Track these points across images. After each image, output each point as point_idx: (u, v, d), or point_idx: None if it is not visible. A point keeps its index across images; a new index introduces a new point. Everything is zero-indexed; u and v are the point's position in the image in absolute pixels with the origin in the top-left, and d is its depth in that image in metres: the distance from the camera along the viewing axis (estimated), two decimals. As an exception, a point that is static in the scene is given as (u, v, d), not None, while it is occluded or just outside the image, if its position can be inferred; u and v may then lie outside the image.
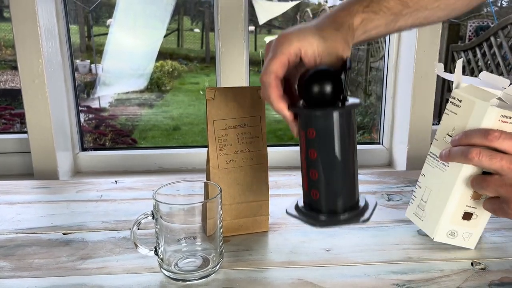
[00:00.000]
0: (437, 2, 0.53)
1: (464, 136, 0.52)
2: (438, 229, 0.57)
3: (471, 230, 0.57)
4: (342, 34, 0.49)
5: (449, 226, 0.57)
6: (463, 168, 0.53)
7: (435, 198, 0.57)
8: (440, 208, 0.57)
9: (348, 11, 0.50)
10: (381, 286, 0.51)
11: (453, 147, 0.53)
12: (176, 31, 3.18)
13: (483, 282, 0.52)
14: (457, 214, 0.56)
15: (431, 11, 0.54)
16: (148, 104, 2.75)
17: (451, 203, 0.55)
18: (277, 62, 0.47)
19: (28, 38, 0.92)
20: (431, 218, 0.58)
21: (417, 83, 1.01)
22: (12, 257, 0.58)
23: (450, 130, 0.55)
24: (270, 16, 2.00)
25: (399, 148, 1.09)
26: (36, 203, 0.75)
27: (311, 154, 0.48)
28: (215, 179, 0.60)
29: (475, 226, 0.57)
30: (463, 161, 0.52)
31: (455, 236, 0.58)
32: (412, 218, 0.62)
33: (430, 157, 0.59)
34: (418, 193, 0.61)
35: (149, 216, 0.53)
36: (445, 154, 0.54)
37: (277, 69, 0.47)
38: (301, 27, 0.49)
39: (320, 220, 0.48)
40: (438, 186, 0.57)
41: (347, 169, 0.48)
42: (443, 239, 0.58)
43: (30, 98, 0.96)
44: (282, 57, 0.47)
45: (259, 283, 0.52)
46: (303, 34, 0.48)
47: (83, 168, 1.09)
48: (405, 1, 0.52)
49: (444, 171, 0.56)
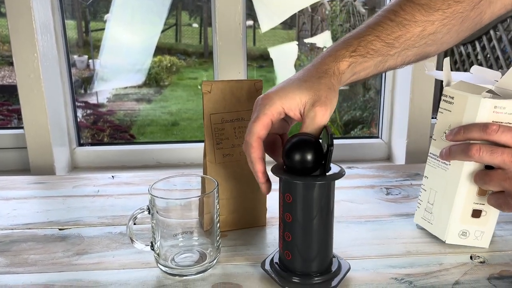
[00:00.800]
0: (424, 39, 0.53)
1: (462, 131, 0.51)
2: (449, 231, 0.57)
3: (482, 228, 0.56)
4: (325, 81, 0.49)
5: (459, 226, 0.56)
6: (465, 165, 0.53)
7: (442, 199, 0.57)
8: (448, 208, 0.56)
9: (334, 57, 0.51)
10: (379, 280, 0.51)
11: (452, 146, 0.52)
12: (174, 26, 3.17)
13: (482, 275, 0.51)
14: (466, 212, 0.55)
15: (419, 48, 0.54)
16: (147, 100, 2.74)
17: (458, 202, 0.55)
18: (259, 124, 0.49)
19: (23, 33, 0.91)
20: (440, 220, 0.57)
21: (416, 77, 1.01)
22: (7, 253, 0.57)
23: (446, 128, 0.55)
24: (272, 24, 1.98)
25: (398, 142, 1.09)
26: (32, 199, 0.75)
27: (286, 217, 0.49)
28: (212, 173, 0.60)
29: (485, 223, 0.56)
30: (464, 159, 0.51)
31: (467, 236, 0.57)
32: (421, 223, 0.61)
33: (431, 158, 0.58)
34: (423, 196, 0.60)
35: (145, 210, 0.52)
36: (445, 153, 0.53)
37: (259, 130, 0.49)
38: (284, 84, 0.51)
39: (292, 281, 0.49)
40: (443, 186, 0.56)
41: (320, 236, 0.49)
42: (455, 241, 0.57)
43: (26, 93, 0.95)
44: (264, 118, 0.49)
45: (257, 278, 0.51)
46: (284, 91, 0.49)
47: (80, 164, 1.08)
48: (391, 42, 0.52)
49: (446, 170, 0.55)
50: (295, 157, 0.47)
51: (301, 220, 0.48)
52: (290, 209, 0.48)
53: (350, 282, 0.50)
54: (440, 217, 0.57)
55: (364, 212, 0.68)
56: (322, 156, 0.47)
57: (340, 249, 0.57)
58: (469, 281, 0.50)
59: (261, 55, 2.66)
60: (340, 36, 2.43)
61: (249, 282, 0.51)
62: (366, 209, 0.70)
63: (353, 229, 0.63)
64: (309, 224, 0.48)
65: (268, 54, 2.44)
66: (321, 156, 0.47)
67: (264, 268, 0.52)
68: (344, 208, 0.70)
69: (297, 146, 0.47)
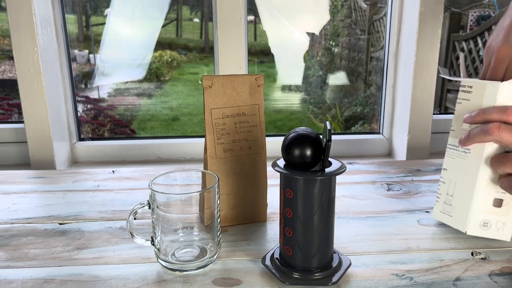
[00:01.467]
0: None
1: (481, 113, 0.51)
2: (469, 221, 0.56)
3: (504, 219, 0.55)
4: None
5: (480, 216, 0.55)
6: (485, 151, 0.53)
7: (462, 189, 0.56)
8: (468, 198, 0.55)
9: None
10: (380, 276, 0.51)
11: (471, 130, 0.52)
12: (175, 20, 3.15)
13: (483, 272, 0.51)
14: (487, 201, 0.55)
15: None
16: (147, 94, 2.74)
17: (479, 190, 0.54)
18: None
19: (23, 26, 0.91)
20: (460, 210, 0.57)
21: (417, 72, 1.00)
22: (7, 247, 0.57)
23: None
24: (274, 21, 1.95)
25: (399, 138, 1.08)
26: (32, 193, 0.75)
27: (287, 212, 0.49)
28: (212, 168, 0.59)
29: (507, 213, 0.55)
30: (483, 138, 0.51)
31: (489, 227, 0.56)
32: (440, 217, 0.60)
33: (449, 149, 0.58)
34: (442, 189, 0.59)
35: (145, 205, 0.52)
36: (464, 138, 0.53)
37: None
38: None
39: (293, 277, 0.49)
40: (462, 176, 0.56)
41: (321, 232, 0.49)
42: (476, 232, 0.56)
43: (26, 87, 0.94)
44: None
45: (257, 273, 0.51)
46: None
47: (80, 158, 1.08)
48: None
49: (466, 158, 0.55)
50: (294, 152, 0.47)
51: (302, 216, 0.48)
52: (291, 204, 0.48)
53: (350, 278, 0.50)
54: (460, 207, 0.57)
55: (365, 208, 0.68)
56: (321, 151, 0.47)
57: (340, 245, 0.57)
58: (470, 277, 0.50)
59: (261, 50, 2.65)
60: (341, 31, 2.41)
61: (249, 278, 0.50)
62: (367, 205, 0.69)
63: (354, 225, 0.63)
64: (310, 219, 0.48)
65: (269, 49, 2.43)
66: (320, 151, 0.47)
67: (265, 263, 0.52)
68: (344, 203, 0.70)
69: (296, 141, 0.47)
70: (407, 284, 0.49)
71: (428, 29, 0.98)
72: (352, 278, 0.50)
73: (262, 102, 0.61)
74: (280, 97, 2.69)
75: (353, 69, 2.38)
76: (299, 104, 2.65)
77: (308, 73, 2.50)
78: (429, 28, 0.98)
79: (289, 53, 2.41)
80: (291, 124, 2.54)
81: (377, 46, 2.23)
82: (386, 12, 1.09)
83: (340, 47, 2.43)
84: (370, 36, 2.28)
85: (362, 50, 2.35)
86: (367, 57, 2.35)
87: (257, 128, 0.61)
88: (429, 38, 0.98)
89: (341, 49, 2.44)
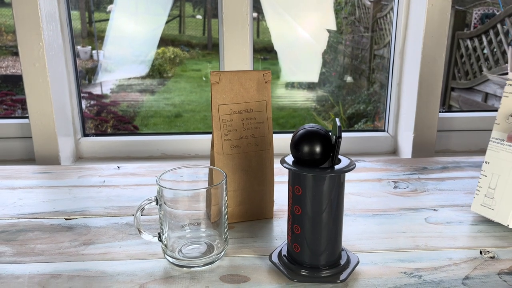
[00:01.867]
0: None
1: None
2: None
3: None
4: None
5: None
6: None
7: (505, 182, 0.56)
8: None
9: None
10: (388, 274, 0.50)
11: None
12: (178, 17, 3.15)
13: (492, 270, 0.51)
14: None
15: None
16: (150, 91, 2.73)
17: None
18: None
19: (28, 21, 0.91)
20: (503, 203, 0.56)
21: (424, 70, 1.00)
22: (14, 242, 0.57)
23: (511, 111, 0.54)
24: (279, 18, 1.94)
25: (405, 136, 1.08)
26: (38, 188, 0.74)
27: (296, 209, 0.49)
28: (219, 164, 0.59)
29: None
30: None
31: None
32: (480, 210, 0.60)
33: (493, 142, 0.58)
34: (483, 182, 0.59)
35: (153, 201, 0.52)
36: None
37: None
38: None
39: (300, 274, 0.49)
40: (507, 169, 0.56)
41: (330, 229, 0.49)
42: None
43: (31, 82, 0.94)
44: None
45: (265, 270, 0.51)
46: None
47: (85, 154, 1.08)
48: None
49: (511, 152, 0.55)
50: (304, 149, 0.46)
51: (311, 213, 0.48)
52: (300, 201, 0.48)
53: (359, 276, 0.50)
54: (503, 200, 0.56)
55: (372, 206, 0.68)
56: (331, 147, 0.47)
57: (348, 242, 0.57)
58: (479, 276, 0.50)
59: (264, 47, 2.65)
60: (345, 29, 2.41)
61: (257, 275, 0.50)
62: (374, 202, 0.69)
63: (361, 223, 0.62)
64: (318, 216, 0.48)
65: (272, 46, 2.43)
66: (329, 148, 0.47)
67: (272, 260, 0.52)
68: (351, 201, 0.69)
69: (306, 137, 0.47)
70: (416, 282, 0.49)
71: (435, 26, 0.97)
72: (360, 276, 0.50)
73: (270, 98, 0.60)
74: (284, 94, 2.69)
75: (356, 67, 2.37)
76: (303, 102, 2.64)
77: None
78: (436, 25, 0.97)
79: (292, 50, 2.40)
80: (293, 121, 2.54)
81: (380, 44, 2.22)
82: (393, 9, 1.08)
83: (343, 44, 2.42)
84: (373, 33, 2.27)
85: (365, 47, 2.34)
86: (371, 54, 2.34)
87: (265, 124, 0.61)
88: (436, 35, 0.98)
89: (344, 47, 2.44)
